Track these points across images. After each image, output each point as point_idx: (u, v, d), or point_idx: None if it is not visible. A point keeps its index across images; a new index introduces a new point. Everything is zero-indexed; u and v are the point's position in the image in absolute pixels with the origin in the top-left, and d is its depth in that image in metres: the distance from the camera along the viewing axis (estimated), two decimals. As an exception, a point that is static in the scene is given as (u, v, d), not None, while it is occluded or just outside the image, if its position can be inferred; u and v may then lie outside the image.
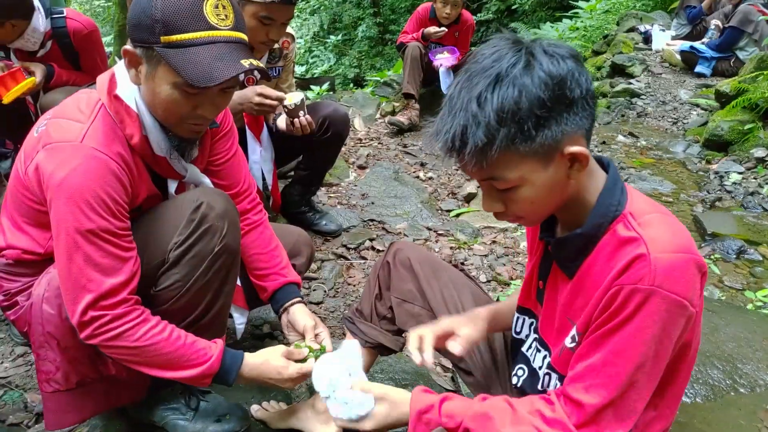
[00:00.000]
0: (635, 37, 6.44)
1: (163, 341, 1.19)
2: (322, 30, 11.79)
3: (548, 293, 1.12)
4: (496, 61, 0.90)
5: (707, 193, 3.46)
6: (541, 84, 0.88)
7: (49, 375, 1.29)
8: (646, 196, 1.03)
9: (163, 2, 1.10)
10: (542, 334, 1.15)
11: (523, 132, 0.89)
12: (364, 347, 1.47)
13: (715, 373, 1.69)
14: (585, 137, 0.95)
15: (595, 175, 1.00)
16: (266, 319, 2.16)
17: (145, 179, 1.29)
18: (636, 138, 4.46)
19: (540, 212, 1.03)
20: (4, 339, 2.04)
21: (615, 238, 0.94)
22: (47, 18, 2.50)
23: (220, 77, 1.12)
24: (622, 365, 0.91)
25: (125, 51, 1.17)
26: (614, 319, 0.91)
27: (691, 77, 5.58)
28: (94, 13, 15.18)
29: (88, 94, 1.25)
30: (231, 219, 1.31)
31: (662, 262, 0.87)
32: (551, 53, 0.90)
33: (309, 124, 2.28)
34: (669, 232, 0.92)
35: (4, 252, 1.31)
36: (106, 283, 1.15)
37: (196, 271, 1.27)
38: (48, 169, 1.12)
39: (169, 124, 1.26)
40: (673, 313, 0.88)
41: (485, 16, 9.84)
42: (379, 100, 5.30)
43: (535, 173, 0.94)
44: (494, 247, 2.80)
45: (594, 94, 0.93)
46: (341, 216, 2.97)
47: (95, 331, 1.15)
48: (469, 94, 0.90)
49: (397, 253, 1.47)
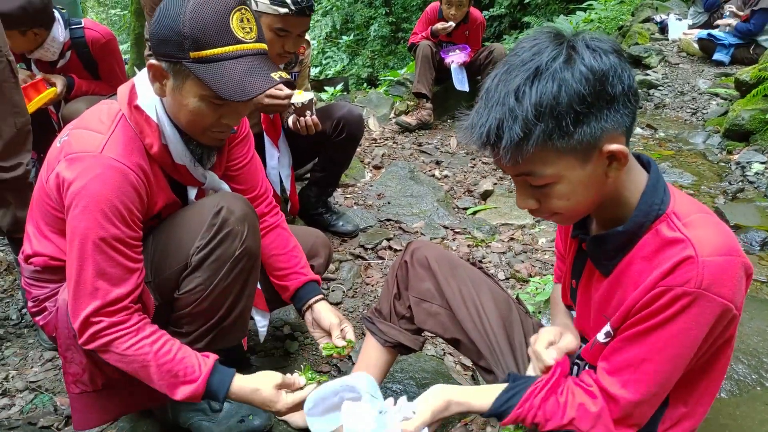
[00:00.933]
0: (651, 28, 6.34)
1: (151, 353, 1.19)
2: (335, 30, 11.81)
3: (581, 291, 1.12)
4: (537, 54, 0.89)
5: (729, 185, 3.39)
6: (582, 79, 0.86)
7: (76, 377, 1.33)
8: (688, 196, 1.01)
9: (191, 18, 1.12)
10: (579, 329, 1.16)
11: (561, 128, 0.87)
12: (384, 346, 1.48)
13: (740, 367, 1.67)
14: (625, 135, 0.93)
15: (635, 173, 0.99)
16: (286, 320, 2.18)
17: (163, 187, 1.32)
18: (654, 130, 4.39)
19: (576, 209, 1.00)
20: (33, 344, 2.09)
21: (658, 238, 0.94)
22: (66, 29, 2.55)
23: (254, 91, 1.15)
24: (661, 364, 0.92)
25: (150, 65, 1.19)
26: (655, 318, 0.91)
27: (709, 66, 5.47)
28: (110, 22, 15.43)
29: (109, 105, 1.28)
30: (251, 222, 1.33)
31: (710, 265, 0.87)
32: (594, 47, 0.89)
33: (315, 124, 2.29)
34: (715, 233, 0.91)
35: (31, 259, 1.34)
36: (113, 292, 1.18)
37: (218, 274, 1.29)
38: (68, 178, 1.16)
39: (193, 134, 1.28)
40: (717, 315, 0.88)
41: (497, 11, 9.76)
42: (393, 100, 5.30)
43: (572, 170, 0.92)
44: (512, 244, 2.79)
45: (636, 90, 0.92)
46: (358, 216, 2.98)
47: (91, 337, 1.18)
48: (507, 88, 0.89)
49: (414, 252, 1.47)
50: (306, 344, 2.08)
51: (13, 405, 1.81)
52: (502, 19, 10.01)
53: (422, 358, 1.92)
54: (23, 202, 1.96)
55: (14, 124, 1.84)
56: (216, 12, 1.14)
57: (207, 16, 1.13)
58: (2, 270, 2.49)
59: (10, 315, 2.23)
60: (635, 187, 0.98)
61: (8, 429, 1.67)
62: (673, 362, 0.92)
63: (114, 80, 2.81)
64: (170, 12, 1.14)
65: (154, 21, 1.17)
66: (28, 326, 2.19)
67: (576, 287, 1.14)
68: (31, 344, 2.10)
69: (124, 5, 14.66)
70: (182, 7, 1.13)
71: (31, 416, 1.74)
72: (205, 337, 1.37)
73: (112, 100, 1.29)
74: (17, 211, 1.95)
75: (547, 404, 1.03)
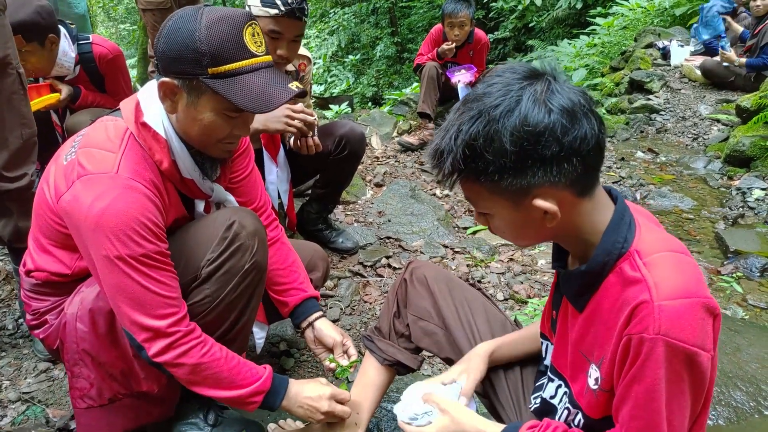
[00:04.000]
0: (653, 53, 6.41)
1: (222, 358, 1.25)
2: (341, 50, 11.95)
3: (560, 324, 1.11)
4: (486, 95, 0.89)
5: (729, 210, 3.40)
6: (513, 133, 0.85)
7: (83, 391, 1.33)
8: (660, 231, 0.98)
9: (209, 35, 1.14)
10: (554, 363, 1.15)
11: (487, 173, 0.89)
12: (382, 365, 1.48)
13: (738, 394, 1.65)
14: (569, 189, 0.90)
15: (598, 212, 0.96)
16: (283, 336, 2.17)
17: (174, 202, 1.34)
18: (656, 154, 4.41)
19: (520, 242, 1.03)
20: (28, 355, 2.09)
21: (621, 278, 0.91)
22: (74, 44, 2.59)
23: (277, 102, 1.19)
24: (648, 418, 0.88)
25: (162, 83, 1.20)
26: (630, 370, 0.88)
27: (711, 92, 5.52)
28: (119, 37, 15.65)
29: (115, 122, 1.28)
30: (260, 237, 1.36)
31: (666, 310, 0.83)
32: (543, 101, 0.86)
33: (316, 146, 2.30)
34: (675, 274, 0.87)
35: (32, 273, 1.35)
36: (174, 298, 1.20)
37: (226, 287, 1.31)
38: (86, 201, 1.14)
39: (204, 147, 1.30)
40: (683, 361, 0.84)
41: (502, 34, 9.88)
42: (397, 119, 5.35)
43: (504, 210, 0.94)
44: (511, 265, 2.78)
45: (586, 149, 0.86)
46: (358, 233, 2.99)
47: (171, 346, 1.20)
48: (456, 120, 0.91)
49: (414, 271, 1.48)
50: (302, 361, 2.07)
51: (5, 416, 1.79)
52: (506, 42, 10.13)
53: (418, 378, 1.91)
54: (26, 212, 1.97)
55: (21, 135, 1.86)
56: (231, 28, 1.16)
57: (223, 33, 1.15)
58: (1, 279, 2.49)
59: (6, 325, 2.23)
60: (596, 227, 0.95)
61: (-1, 440, 1.66)
62: (661, 414, 0.87)
63: (120, 95, 2.84)
64: (183, 30, 1.15)
65: (165, 40, 1.18)
66: (24, 336, 2.18)
67: (556, 318, 1.13)
68: (26, 355, 2.09)
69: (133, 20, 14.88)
70: (196, 25, 1.15)
71: (23, 427, 1.73)
72: None
73: (115, 117, 1.30)
74: (19, 221, 1.96)
75: None
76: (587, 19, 8.42)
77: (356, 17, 12.00)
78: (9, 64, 1.79)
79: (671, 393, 0.86)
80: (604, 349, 0.94)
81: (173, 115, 1.26)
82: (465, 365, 1.30)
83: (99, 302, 1.26)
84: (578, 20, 9.07)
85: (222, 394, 1.27)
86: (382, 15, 11.76)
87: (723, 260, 2.82)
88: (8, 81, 1.80)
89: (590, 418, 1.03)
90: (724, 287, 2.53)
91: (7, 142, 1.83)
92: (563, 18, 9.25)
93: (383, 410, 1.75)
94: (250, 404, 1.31)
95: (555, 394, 1.15)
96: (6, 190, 1.87)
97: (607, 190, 1.00)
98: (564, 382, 1.11)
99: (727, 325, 1.98)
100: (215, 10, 1.18)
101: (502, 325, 1.41)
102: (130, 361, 1.31)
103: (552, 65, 0.92)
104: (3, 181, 1.86)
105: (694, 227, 3.22)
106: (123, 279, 1.16)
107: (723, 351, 1.81)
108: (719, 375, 1.70)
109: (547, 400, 1.16)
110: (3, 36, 1.77)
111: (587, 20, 8.39)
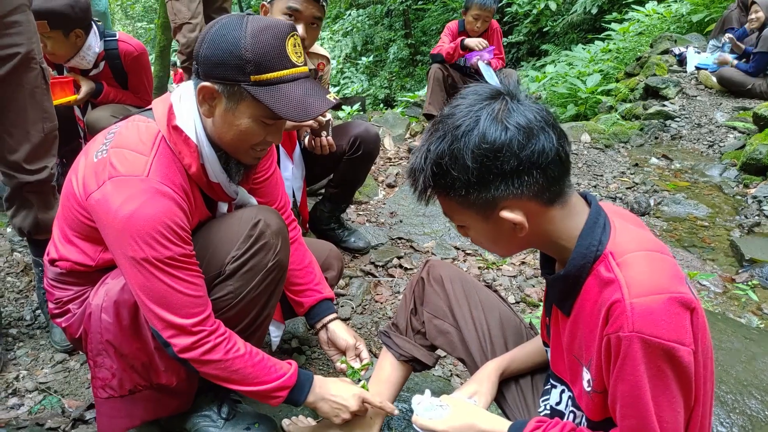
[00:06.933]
0: (669, 59, 6.36)
1: (247, 354, 1.28)
2: (355, 51, 12.00)
3: (553, 329, 1.13)
4: (450, 116, 0.95)
5: (745, 218, 3.36)
6: (473, 150, 0.90)
7: (105, 381, 1.35)
8: (637, 231, 0.99)
9: (253, 44, 1.17)
10: (554, 369, 1.17)
11: (455, 189, 0.94)
12: (399, 360, 1.49)
13: (753, 403, 1.64)
14: (535, 199, 0.94)
15: (574, 216, 0.98)
16: (294, 333, 2.18)
17: (199, 205, 1.36)
18: (670, 161, 4.38)
19: (498, 251, 1.08)
20: (45, 345, 2.12)
21: (598, 280, 0.93)
22: (101, 40, 2.63)
23: (315, 112, 1.22)
24: (638, 416, 0.89)
25: (203, 87, 1.22)
26: (613, 370, 0.90)
27: (727, 100, 5.47)
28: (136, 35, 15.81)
29: (146, 123, 1.29)
30: (284, 236, 1.39)
31: (639, 307, 0.85)
32: (500, 119, 0.91)
33: (330, 145, 2.32)
34: (647, 271, 0.88)
35: (57, 263, 1.37)
36: (200, 297, 1.23)
37: (249, 284, 1.34)
38: (116, 202, 1.16)
39: (236, 153, 1.32)
40: (661, 357, 0.85)
41: (516, 38, 9.86)
42: (409, 120, 5.36)
43: (475, 222, 0.99)
44: (523, 268, 2.78)
45: (545, 161, 0.91)
46: (370, 233, 3.00)
47: (195, 344, 1.22)
48: (426, 141, 0.97)
49: (431, 270, 1.50)
50: (314, 359, 2.08)
51: (22, 405, 1.82)
52: (520, 47, 10.11)
53: (429, 378, 1.91)
54: (46, 205, 2.00)
55: (42, 129, 1.89)
56: (275, 37, 1.19)
57: (267, 42, 1.18)
58: (19, 271, 2.53)
59: (24, 316, 2.26)
60: (570, 232, 0.98)
61: (16, 429, 1.68)
62: (649, 411, 0.87)
63: (142, 92, 2.88)
64: (228, 37, 1.17)
65: (208, 45, 1.20)
66: (41, 327, 2.22)
67: (549, 324, 1.15)
68: (43, 345, 2.12)
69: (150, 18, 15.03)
70: (242, 32, 1.17)
71: (39, 417, 1.75)
72: None
73: (147, 117, 1.31)
74: (39, 213, 1.99)
75: None
76: (602, 24, 8.39)
77: (370, 19, 12.04)
78: (33, 59, 1.82)
79: (656, 389, 0.87)
80: (590, 351, 0.96)
81: (208, 120, 1.28)
82: (476, 387, 1.31)
83: (124, 294, 1.28)
84: (593, 25, 9.03)
85: (248, 389, 1.29)
86: (396, 17, 11.79)
87: (738, 268, 2.80)
88: (31, 75, 1.83)
89: (592, 421, 1.04)
90: (739, 296, 2.51)
91: (29, 135, 1.86)
92: (578, 23, 9.22)
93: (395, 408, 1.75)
94: (275, 398, 1.33)
95: (560, 400, 1.16)
96: (27, 182, 1.90)
97: (582, 195, 1.03)
98: (566, 386, 1.13)
99: (742, 333, 1.97)
100: (260, 20, 1.21)
101: (516, 329, 1.42)
102: (151, 354, 1.33)
103: (513, 85, 0.97)
104: (24, 173, 1.89)
105: (709, 235, 3.20)
106: (149, 279, 1.18)
107: (738, 359, 1.80)
108: (734, 383, 1.69)
109: (555, 408, 1.17)
110: (28, 31, 1.80)
111: (602, 25, 8.36)
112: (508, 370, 1.34)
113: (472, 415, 1.18)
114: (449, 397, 1.24)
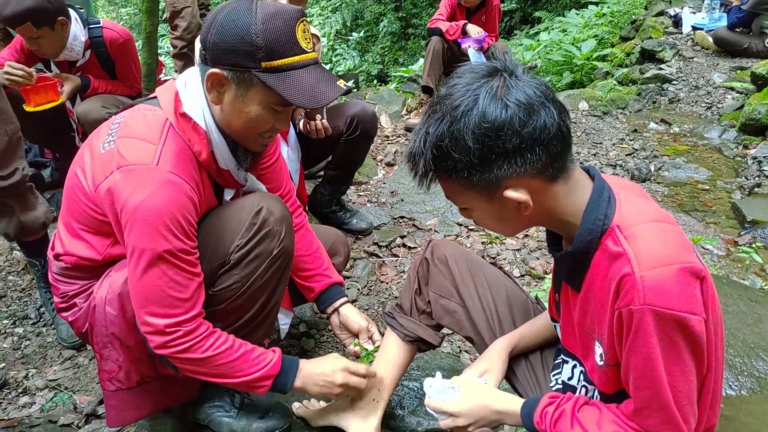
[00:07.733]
0: (665, 21, 6.27)
1: (228, 349, 1.26)
2: (345, 27, 11.79)
3: (563, 306, 1.13)
4: (447, 97, 0.92)
5: (745, 179, 3.35)
6: (474, 131, 0.88)
7: (112, 374, 1.36)
8: (641, 202, 0.98)
9: (264, 30, 1.14)
10: (566, 345, 1.17)
11: (457, 171, 0.92)
12: (404, 341, 1.49)
13: (760, 364, 1.65)
14: (538, 177, 0.92)
15: (578, 192, 0.97)
16: (302, 318, 2.19)
17: (208, 193, 1.34)
18: (669, 125, 4.35)
19: (504, 231, 1.06)
20: (52, 343, 2.12)
21: (607, 254, 0.92)
22: (84, 28, 2.57)
23: (326, 99, 1.20)
24: (651, 387, 0.89)
25: (212, 74, 1.19)
26: (626, 343, 0.90)
27: (724, 60, 5.41)
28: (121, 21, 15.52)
29: (153, 111, 1.27)
30: (288, 223, 1.38)
31: (649, 279, 0.84)
32: (499, 97, 0.89)
33: (325, 129, 2.29)
34: (655, 242, 0.88)
35: (61, 257, 1.36)
36: (182, 300, 1.21)
37: (256, 272, 1.33)
38: (125, 191, 1.15)
39: (245, 140, 1.31)
40: (674, 327, 0.85)
41: (509, 6, 9.69)
42: (405, 96, 5.29)
43: (479, 203, 0.98)
44: (527, 241, 2.78)
45: (547, 137, 0.89)
46: (371, 214, 2.98)
47: (165, 345, 1.21)
48: (424, 124, 0.95)
49: (434, 250, 1.49)
50: (323, 342, 2.09)
51: (33, 403, 1.83)
52: (513, 14, 9.94)
53: (438, 356, 1.92)
54: (26, 206, 1.97)
55: (6, 132, 1.85)
56: (285, 23, 1.16)
57: (278, 28, 1.15)
58: (20, 269, 2.52)
59: (29, 314, 2.26)
60: (576, 208, 0.97)
61: (29, 427, 1.69)
62: (663, 382, 0.88)
63: (131, 80, 2.83)
64: (238, 23, 1.14)
65: (217, 31, 1.17)
66: (46, 325, 2.22)
67: (559, 300, 1.15)
68: (50, 343, 2.12)
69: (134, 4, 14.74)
70: (252, 18, 1.14)
71: (52, 414, 1.76)
72: (235, 333, 1.39)
73: (152, 106, 1.28)
74: (22, 216, 1.95)
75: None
76: (595, -12, 8.23)
77: (359, -7, 11.81)
78: None
79: (669, 360, 0.87)
80: (602, 326, 0.96)
81: (216, 106, 1.25)
82: (486, 365, 1.31)
83: (127, 287, 1.27)
84: (586, -11, 8.86)
85: (229, 381, 1.28)
86: (385, -10, 11.56)
87: (740, 230, 2.80)
88: None
89: (605, 394, 1.05)
90: (743, 258, 2.51)
91: None
92: (571, -13, 9.04)
93: (405, 388, 1.76)
94: (259, 388, 1.32)
95: (572, 375, 1.17)
96: (1, 188, 1.86)
97: (585, 169, 1.02)
98: (578, 361, 1.14)
99: (747, 295, 1.97)
100: (269, 5, 1.18)
101: (523, 305, 1.42)
102: None
103: (510, 61, 0.94)
104: None
105: (710, 198, 3.19)
106: (137, 271, 1.18)
107: (744, 322, 1.80)
108: (741, 345, 1.70)
109: (567, 383, 1.18)
110: None
111: (595, -11, 8.20)
112: (518, 347, 1.34)
113: (485, 395, 1.18)
114: (460, 378, 1.25)
